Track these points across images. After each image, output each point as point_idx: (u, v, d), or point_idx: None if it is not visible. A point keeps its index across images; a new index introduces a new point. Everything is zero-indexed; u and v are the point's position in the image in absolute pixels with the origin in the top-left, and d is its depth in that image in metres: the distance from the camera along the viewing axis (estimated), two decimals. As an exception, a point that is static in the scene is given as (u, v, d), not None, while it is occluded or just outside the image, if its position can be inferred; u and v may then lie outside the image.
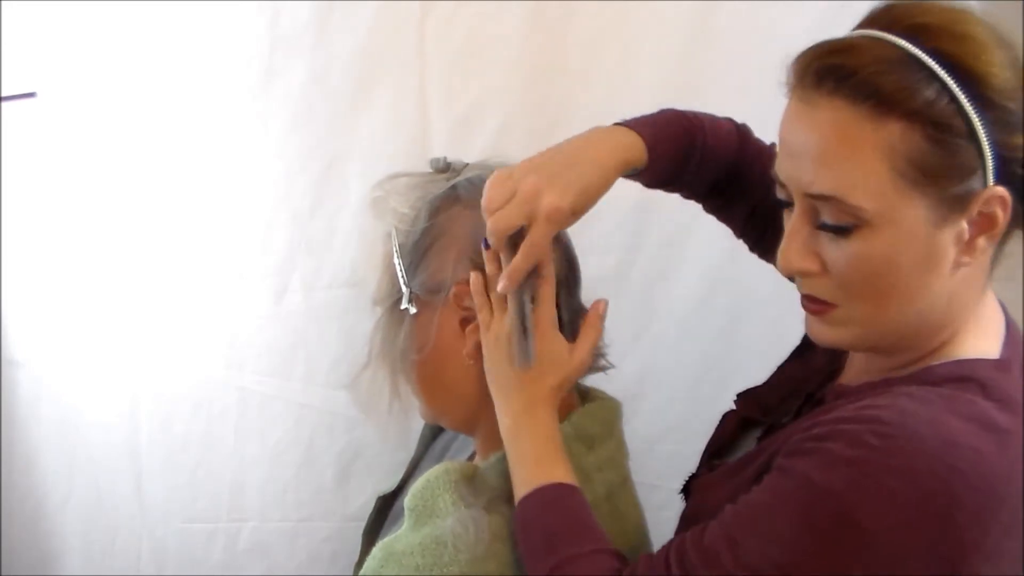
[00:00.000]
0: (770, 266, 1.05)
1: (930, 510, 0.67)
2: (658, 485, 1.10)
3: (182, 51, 1.43)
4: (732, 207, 1.05)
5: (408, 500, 0.90)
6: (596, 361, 0.99)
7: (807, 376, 0.92)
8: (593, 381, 1.04)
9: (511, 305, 0.88)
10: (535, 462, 0.87)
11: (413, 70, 1.40)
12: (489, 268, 0.90)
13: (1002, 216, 0.71)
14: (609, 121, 1.38)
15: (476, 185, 0.94)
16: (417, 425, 1.17)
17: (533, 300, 0.89)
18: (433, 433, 1.19)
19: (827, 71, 0.71)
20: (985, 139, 0.69)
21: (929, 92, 0.69)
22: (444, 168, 0.98)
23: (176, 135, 1.45)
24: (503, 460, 0.90)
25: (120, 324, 1.51)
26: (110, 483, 1.56)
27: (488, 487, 0.90)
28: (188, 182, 1.47)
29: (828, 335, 0.80)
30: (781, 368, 0.98)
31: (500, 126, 1.39)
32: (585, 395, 1.01)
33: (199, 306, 1.49)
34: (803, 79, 0.73)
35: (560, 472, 0.86)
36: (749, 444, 0.92)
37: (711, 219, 1.09)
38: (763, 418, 0.93)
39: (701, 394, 1.45)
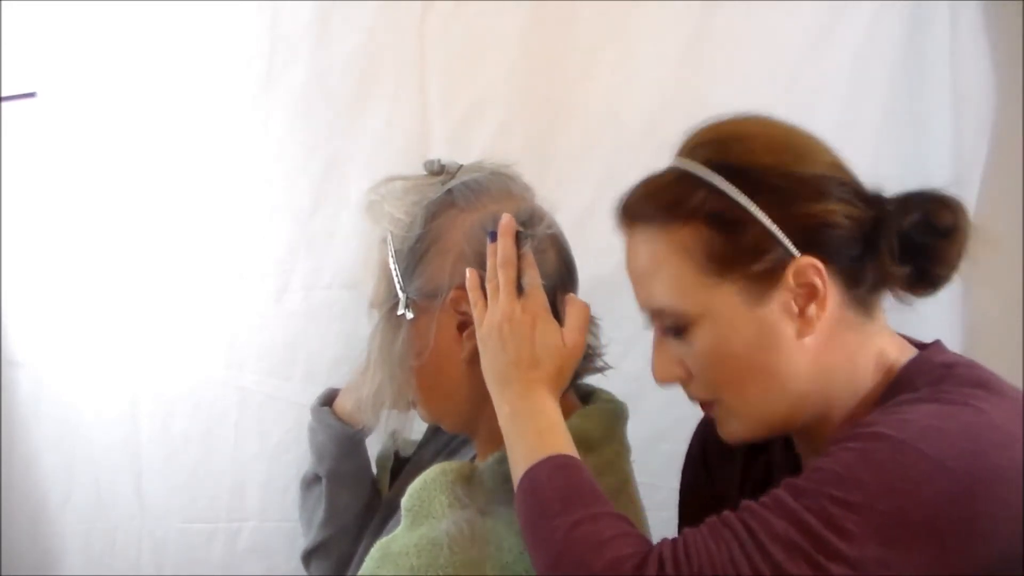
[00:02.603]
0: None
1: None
2: (658, 485, 1.09)
3: (182, 51, 1.42)
4: None
5: (405, 500, 0.91)
6: (593, 361, 0.99)
7: None
8: (593, 381, 1.04)
9: None
10: (538, 435, 0.85)
11: (413, 70, 1.40)
12: (489, 262, 0.90)
13: (819, 283, 0.76)
14: (609, 121, 1.38)
15: (471, 189, 0.94)
16: (420, 427, 1.17)
17: (521, 289, 0.89)
18: None
19: (626, 209, 0.84)
20: (763, 216, 0.76)
21: (700, 193, 0.78)
22: (438, 170, 0.97)
23: (176, 135, 1.45)
24: (501, 461, 0.90)
25: (120, 324, 1.51)
26: (110, 483, 1.56)
27: (485, 489, 0.90)
28: (188, 182, 1.46)
29: (728, 431, 0.85)
30: None
31: (500, 126, 1.39)
32: (588, 397, 1.00)
33: (199, 306, 1.49)
34: (620, 220, 0.85)
35: (566, 445, 0.84)
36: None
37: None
38: None
39: (701, 394, 1.44)
